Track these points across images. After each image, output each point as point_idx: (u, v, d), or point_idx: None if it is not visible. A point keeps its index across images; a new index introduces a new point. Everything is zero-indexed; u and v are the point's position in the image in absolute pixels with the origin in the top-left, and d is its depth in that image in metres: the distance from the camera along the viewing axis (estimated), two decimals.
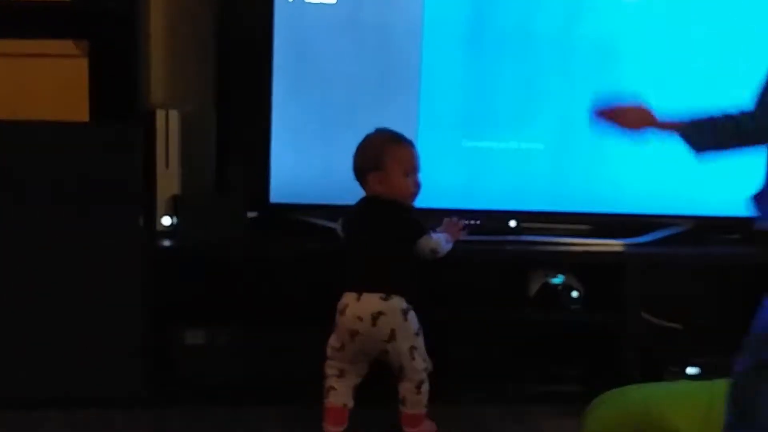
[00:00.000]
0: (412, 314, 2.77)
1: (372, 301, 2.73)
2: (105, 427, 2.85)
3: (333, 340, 2.80)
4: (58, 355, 2.94)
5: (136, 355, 2.95)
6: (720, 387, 2.75)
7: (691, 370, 3.16)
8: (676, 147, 3.26)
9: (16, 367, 2.93)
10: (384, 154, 2.78)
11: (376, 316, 2.72)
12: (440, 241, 2.84)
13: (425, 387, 2.78)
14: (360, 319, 2.73)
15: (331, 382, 2.81)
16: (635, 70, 3.21)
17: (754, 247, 3.30)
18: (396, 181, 2.80)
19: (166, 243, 3.04)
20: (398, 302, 2.74)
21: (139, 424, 2.88)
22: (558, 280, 3.24)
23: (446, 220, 2.95)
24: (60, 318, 2.92)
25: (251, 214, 3.12)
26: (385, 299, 2.73)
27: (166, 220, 3.10)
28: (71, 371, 2.94)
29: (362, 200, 2.86)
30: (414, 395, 2.79)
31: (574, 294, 3.20)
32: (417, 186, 2.83)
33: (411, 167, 2.81)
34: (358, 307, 2.74)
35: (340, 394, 2.81)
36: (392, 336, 2.74)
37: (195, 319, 3.10)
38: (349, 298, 2.76)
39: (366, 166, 2.80)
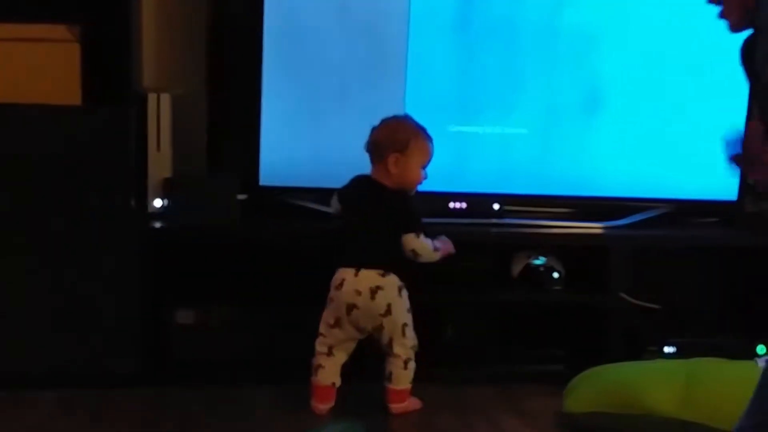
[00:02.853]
0: (405, 292, 2.86)
1: (370, 276, 2.81)
2: (99, 405, 2.87)
3: (327, 316, 2.86)
4: (51, 334, 2.96)
5: (129, 335, 2.98)
6: (696, 366, 2.83)
7: (668, 349, 3.24)
8: (656, 132, 3.35)
9: (10, 346, 2.95)
10: (412, 141, 2.85)
11: (374, 290, 2.80)
12: (427, 246, 2.87)
13: (412, 364, 2.86)
14: (359, 292, 2.81)
15: (320, 360, 2.87)
16: (616, 57, 3.28)
17: (732, 230, 3.39)
18: (413, 168, 2.86)
19: (158, 225, 3.07)
20: (394, 279, 2.83)
21: (132, 403, 2.91)
22: (540, 261, 3.29)
23: (444, 238, 2.96)
24: (53, 298, 2.95)
25: (241, 197, 3.14)
26: (383, 275, 2.81)
27: (158, 202, 3.12)
28: (65, 351, 2.97)
29: (363, 180, 2.90)
30: (401, 371, 2.86)
31: (555, 275, 3.26)
32: (425, 178, 2.91)
33: (427, 161, 2.89)
34: (356, 281, 2.81)
35: (328, 372, 2.87)
36: (389, 310, 2.82)
37: (187, 300, 3.13)
38: (345, 274, 2.83)
39: (391, 145, 2.85)
